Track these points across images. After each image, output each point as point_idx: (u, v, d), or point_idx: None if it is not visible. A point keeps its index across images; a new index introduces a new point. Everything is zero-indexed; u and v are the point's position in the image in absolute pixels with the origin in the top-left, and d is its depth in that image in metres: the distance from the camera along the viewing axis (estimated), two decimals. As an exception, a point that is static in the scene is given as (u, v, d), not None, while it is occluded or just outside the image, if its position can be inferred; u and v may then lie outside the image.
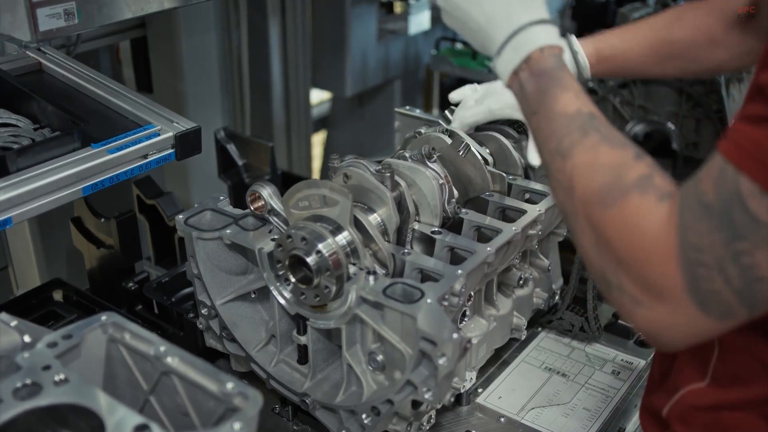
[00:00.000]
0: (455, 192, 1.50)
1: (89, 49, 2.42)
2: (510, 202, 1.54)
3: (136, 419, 0.89)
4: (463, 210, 1.50)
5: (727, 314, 0.87)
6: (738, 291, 0.84)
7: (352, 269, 1.31)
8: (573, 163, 0.98)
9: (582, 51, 1.52)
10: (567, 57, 1.52)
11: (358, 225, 1.35)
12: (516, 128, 1.67)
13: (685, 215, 0.87)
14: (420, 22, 3.81)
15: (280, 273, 1.36)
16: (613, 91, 2.41)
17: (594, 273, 0.98)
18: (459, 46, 3.81)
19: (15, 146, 1.46)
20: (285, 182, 2.21)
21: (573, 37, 1.54)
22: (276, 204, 1.42)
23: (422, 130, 1.65)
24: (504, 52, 1.08)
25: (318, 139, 4.39)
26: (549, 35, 1.07)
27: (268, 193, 1.42)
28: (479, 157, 1.54)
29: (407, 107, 1.88)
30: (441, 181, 1.47)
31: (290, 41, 3.33)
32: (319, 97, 4.19)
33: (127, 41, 2.80)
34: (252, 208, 1.44)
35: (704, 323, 0.88)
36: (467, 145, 1.53)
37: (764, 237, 0.82)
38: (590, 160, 0.97)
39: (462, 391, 1.53)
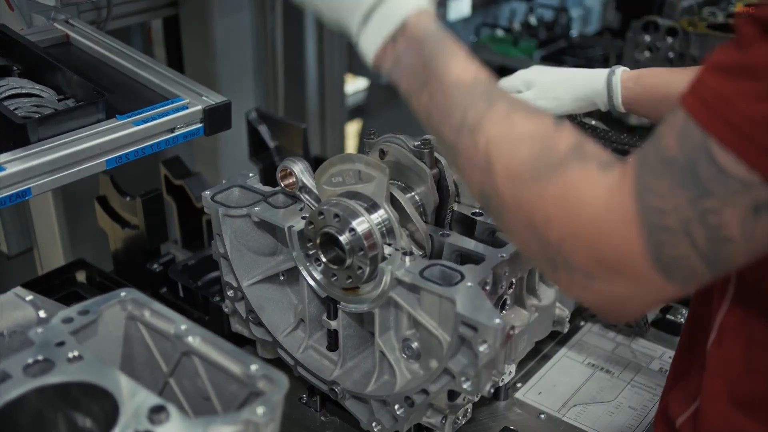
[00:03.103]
0: (498, 173, 1.42)
1: (121, 27, 2.37)
2: (556, 185, 1.45)
3: (153, 400, 0.83)
4: (506, 192, 1.41)
5: (691, 278, 0.80)
6: (704, 255, 0.77)
7: (387, 249, 1.23)
8: (487, 137, 0.87)
9: (619, 73, 1.43)
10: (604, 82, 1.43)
11: (395, 203, 1.27)
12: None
13: (644, 176, 0.79)
14: (459, 8, 3.73)
15: (311, 252, 1.29)
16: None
17: (530, 255, 0.89)
18: (500, 33, 3.72)
19: (37, 116, 1.41)
20: (317, 166, 2.14)
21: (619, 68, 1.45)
22: (308, 180, 1.35)
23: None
24: (372, 19, 0.93)
25: (353, 130, 4.33)
26: (417, 5, 0.94)
27: (299, 168, 1.35)
28: None
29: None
30: (484, 160, 1.38)
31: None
32: (354, 86, 4.13)
33: (159, 20, 2.76)
34: (282, 185, 1.38)
35: (667, 290, 0.81)
36: None
37: (732, 192, 0.73)
38: (506, 131, 0.87)
39: (500, 384, 1.45)
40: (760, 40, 0.71)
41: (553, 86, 1.48)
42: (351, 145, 4.15)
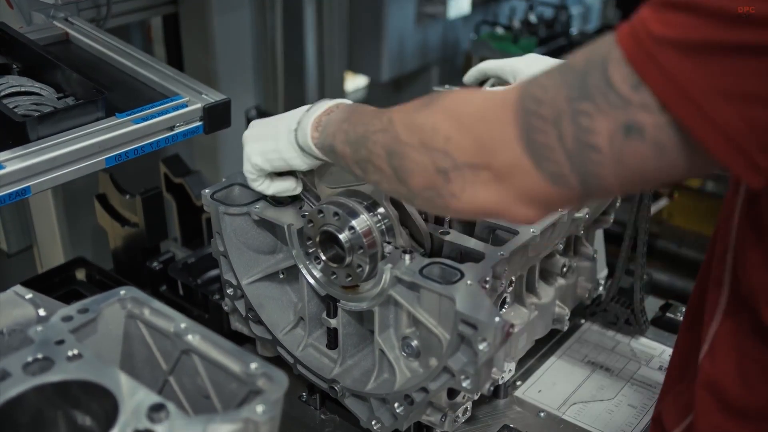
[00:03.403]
0: (497, 171, 1.42)
1: (120, 25, 2.37)
2: (555, 183, 1.45)
3: (153, 398, 0.82)
4: (506, 190, 1.41)
5: (559, 178, 0.82)
6: (569, 153, 0.80)
7: (386, 248, 1.23)
8: (390, 112, 1.00)
9: None
10: None
11: (395, 201, 1.27)
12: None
13: (538, 75, 0.85)
14: (460, 5, 3.72)
15: (310, 251, 1.29)
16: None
17: (426, 180, 0.93)
18: (500, 30, 3.71)
19: (36, 114, 1.41)
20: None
21: None
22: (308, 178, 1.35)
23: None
24: (314, 107, 1.17)
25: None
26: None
27: None
28: None
29: (446, 86, 1.80)
30: (483, 158, 1.38)
31: (326, 23, 3.27)
32: (354, 84, 4.13)
33: (158, 18, 2.76)
34: None
35: (538, 181, 0.84)
36: None
37: (610, 104, 0.77)
38: (407, 104, 0.99)
39: (500, 382, 1.45)
40: None
41: None
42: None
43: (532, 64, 1.47)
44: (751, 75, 0.70)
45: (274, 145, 1.22)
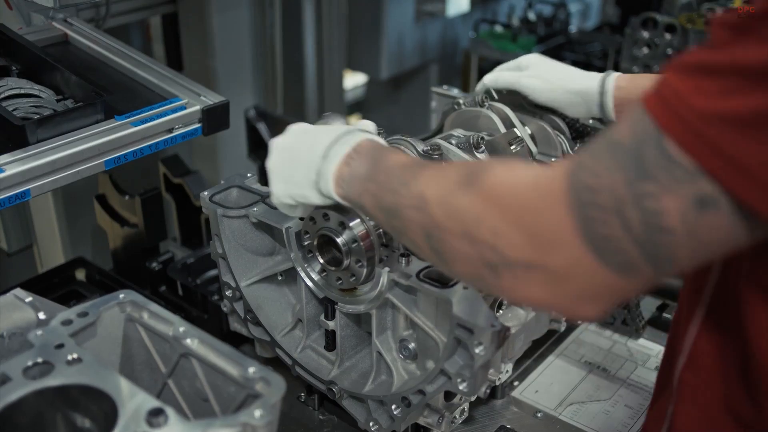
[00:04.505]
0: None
1: (119, 24, 2.37)
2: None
3: (152, 403, 0.83)
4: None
5: (628, 268, 0.75)
6: (638, 240, 0.73)
7: (384, 251, 1.24)
8: (419, 182, 0.92)
9: (614, 75, 1.44)
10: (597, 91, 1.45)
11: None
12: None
13: (583, 157, 0.77)
14: (459, 3, 3.73)
15: (309, 254, 1.30)
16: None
17: (473, 271, 0.86)
18: (499, 29, 3.72)
19: (36, 117, 1.41)
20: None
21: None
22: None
23: (461, 101, 1.58)
24: (331, 151, 1.04)
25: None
26: (371, 135, 1.08)
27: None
28: (529, 151, 1.46)
29: (445, 86, 1.81)
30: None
31: (325, 21, 3.27)
32: (353, 82, 4.14)
33: (157, 17, 2.76)
34: None
35: (604, 276, 0.76)
36: (521, 140, 1.45)
37: (675, 180, 0.70)
38: (436, 171, 0.92)
39: (497, 383, 1.45)
40: (728, 42, 0.70)
41: (548, 72, 1.49)
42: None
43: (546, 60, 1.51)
44: None
45: (299, 191, 1.10)
